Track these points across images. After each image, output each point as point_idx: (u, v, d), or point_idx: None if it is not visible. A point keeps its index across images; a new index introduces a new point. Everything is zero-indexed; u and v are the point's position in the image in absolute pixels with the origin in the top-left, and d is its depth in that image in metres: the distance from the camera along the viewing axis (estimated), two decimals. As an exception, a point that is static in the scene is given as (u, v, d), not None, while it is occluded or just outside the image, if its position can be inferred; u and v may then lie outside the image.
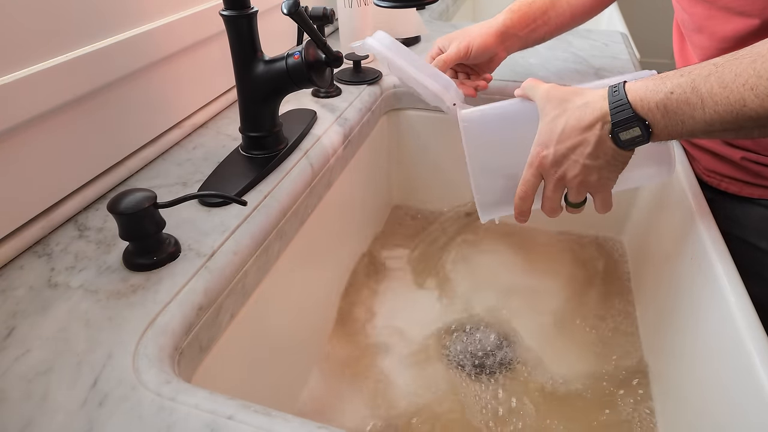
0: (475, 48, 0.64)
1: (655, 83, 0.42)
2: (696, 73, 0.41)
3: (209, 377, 0.40)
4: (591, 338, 0.67)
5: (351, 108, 0.68)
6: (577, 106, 0.46)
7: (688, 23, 0.60)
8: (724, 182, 0.62)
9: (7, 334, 0.35)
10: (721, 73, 0.39)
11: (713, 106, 0.39)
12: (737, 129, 0.40)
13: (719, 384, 0.44)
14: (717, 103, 0.39)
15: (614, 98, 0.44)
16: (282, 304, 0.54)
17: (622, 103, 0.43)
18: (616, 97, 0.44)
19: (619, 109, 0.43)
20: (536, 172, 0.49)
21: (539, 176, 0.50)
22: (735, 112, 0.39)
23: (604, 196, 0.50)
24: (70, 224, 0.46)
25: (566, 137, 0.46)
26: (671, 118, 0.41)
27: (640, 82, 0.44)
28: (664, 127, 0.42)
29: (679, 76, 0.41)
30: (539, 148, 0.48)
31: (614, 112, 0.43)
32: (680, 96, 0.41)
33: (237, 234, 0.45)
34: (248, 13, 0.47)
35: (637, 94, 0.43)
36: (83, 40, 0.45)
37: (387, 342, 0.67)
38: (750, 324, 0.41)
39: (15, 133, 0.40)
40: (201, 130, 0.62)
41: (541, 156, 0.48)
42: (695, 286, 0.51)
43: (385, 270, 0.79)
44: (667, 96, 0.41)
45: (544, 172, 0.49)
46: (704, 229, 0.52)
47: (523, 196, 0.51)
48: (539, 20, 0.68)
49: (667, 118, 0.42)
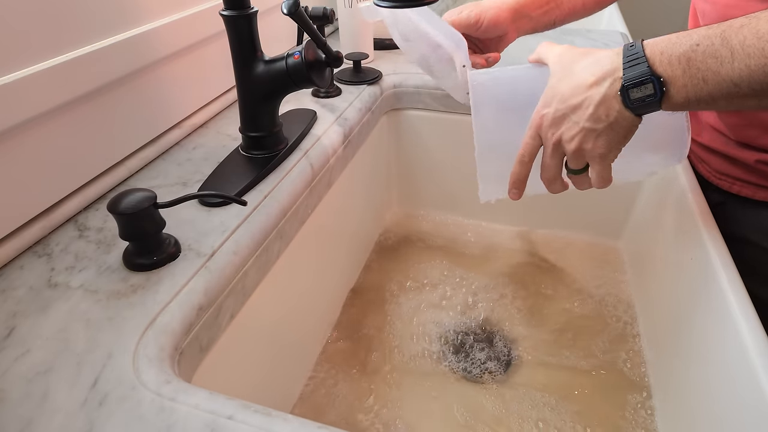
0: (487, 20, 0.61)
1: (678, 37, 0.38)
2: (727, 24, 0.37)
3: (209, 377, 0.40)
4: (591, 338, 0.67)
5: (351, 108, 0.68)
6: (585, 64, 0.43)
7: (709, 12, 0.59)
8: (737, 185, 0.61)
9: (7, 334, 0.35)
10: (756, 24, 0.35)
11: (744, 59, 0.35)
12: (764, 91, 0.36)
13: (719, 384, 0.44)
14: (749, 56, 0.35)
15: (629, 52, 0.40)
16: (282, 304, 0.54)
17: (637, 56, 0.39)
18: (631, 51, 0.40)
19: (633, 62, 0.39)
20: (534, 134, 0.46)
21: (538, 138, 0.46)
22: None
23: (602, 168, 0.45)
24: (70, 224, 0.46)
25: (569, 96, 0.42)
26: (693, 75, 0.37)
27: (662, 37, 0.39)
28: (682, 86, 0.38)
29: (707, 29, 0.37)
30: (540, 106, 0.45)
31: (627, 66, 0.39)
32: (707, 48, 0.36)
33: (237, 234, 0.45)
34: (248, 13, 0.47)
35: (657, 48, 0.39)
36: (83, 40, 0.45)
37: (388, 343, 0.67)
38: (750, 325, 0.41)
39: (15, 133, 0.40)
40: (201, 130, 0.62)
41: (541, 115, 0.44)
42: (695, 287, 0.51)
43: (385, 270, 0.79)
44: (692, 48, 0.37)
45: (542, 133, 0.45)
46: (704, 230, 0.52)
47: (520, 160, 0.47)
48: (552, 2, 0.68)
49: (688, 74, 0.37)
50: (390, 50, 0.89)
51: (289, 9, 0.47)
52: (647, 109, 0.40)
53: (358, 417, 0.59)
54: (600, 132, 0.42)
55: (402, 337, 0.68)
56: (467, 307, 0.72)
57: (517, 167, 0.48)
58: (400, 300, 0.73)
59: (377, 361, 0.65)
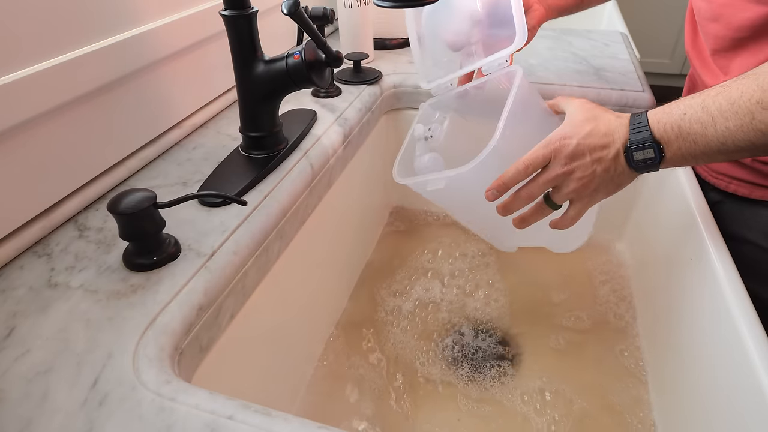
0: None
1: (670, 107, 0.45)
2: (705, 95, 0.43)
3: (209, 377, 0.40)
4: (590, 339, 0.67)
5: (351, 108, 0.68)
6: (605, 119, 0.48)
7: (704, 11, 0.60)
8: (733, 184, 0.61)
9: (7, 334, 0.35)
10: (728, 92, 0.42)
11: (723, 122, 0.41)
12: (751, 146, 0.41)
13: (719, 384, 0.44)
14: (727, 119, 0.41)
15: (636, 120, 0.46)
16: (282, 304, 0.54)
17: (642, 124, 0.45)
18: (637, 120, 0.46)
19: (639, 129, 0.45)
20: (548, 154, 0.48)
21: (546, 160, 0.48)
22: (745, 126, 0.40)
23: (582, 209, 0.50)
24: (70, 224, 0.46)
25: (593, 137, 0.47)
26: (685, 139, 0.43)
27: (661, 107, 0.46)
28: (677, 149, 0.44)
29: (690, 99, 0.44)
30: (563, 133, 0.48)
31: (634, 131, 0.46)
32: (692, 116, 0.43)
33: (237, 234, 0.45)
34: (248, 13, 0.47)
35: (656, 117, 0.45)
36: (83, 40, 0.45)
37: (389, 342, 0.67)
38: (750, 324, 0.41)
39: (15, 133, 0.40)
40: (201, 130, 0.62)
41: (564, 142, 0.47)
42: (695, 286, 0.51)
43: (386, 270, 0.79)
44: (681, 117, 0.44)
45: (556, 158, 0.48)
46: (704, 230, 0.52)
47: (522, 168, 0.48)
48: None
49: (680, 138, 0.44)
50: (390, 50, 0.89)
51: (289, 9, 0.47)
52: (648, 170, 0.46)
53: (359, 417, 0.59)
54: (604, 181, 0.47)
55: (403, 336, 0.68)
56: (467, 305, 0.72)
57: (514, 173, 0.48)
58: (401, 299, 0.73)
59: (379, 360, 0.65)
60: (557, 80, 0.74)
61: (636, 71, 0.78)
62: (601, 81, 0.74)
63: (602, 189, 0.48)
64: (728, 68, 0.59)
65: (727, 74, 0.59)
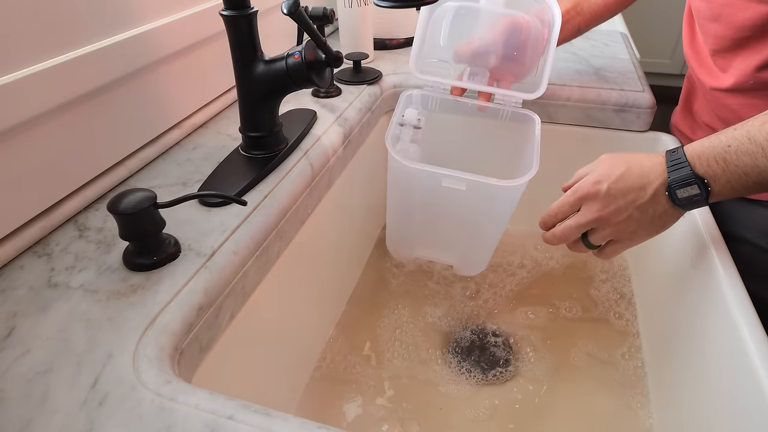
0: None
1: (710, 140, 0.43)
2: (749, 125, 0.42)
3: (209, 377, 0.40)
4: (591, 338, 0.67)
5: (351, 108, 0.68)
6: (638, 159, 0.47)
7: (704, 11, 0.60)
8: None
9: (7, 334, 0.35)
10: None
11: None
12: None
13: (719, 384, 0.44)
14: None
15: (672, 157, 0.45)
16: (282, 304, 0.54)
17: (680, 161, 0.44)
18: (673, 156, 0.45)
19: (677, 166, 0.44)
20: (577, 201, 0.48)
21: (578, 206, 0.49)
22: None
23: (621, 249, 0.49)
24: (70, 224, 0.46)
25: (625, 181, 0.46)
26: (732, 171, 0.42)
27: (696, 143, 0.44)
28: (726, 182, 0.43)
29: (733, 131, 0.43)
30: (593, 179, 0.47)
31: (672, 169, 0.44)
32: (738, 147, 0.42)
33: (237, 234, 0.45)
34: (248, 13, 0.47)
35: (695, 152, 0.44)
36: (83, 40, 0.45)
37: (389, 342, 0.67)
38: (750, 325, 0.41)
39: (15, 133, 0.40)
40: (201, 130, 0.62)
41: (595, 188, 0.47)
42: (695, 286, 0.51)
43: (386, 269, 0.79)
44: (725, 149, 0.42)
45: (588, 203, 0.48)
46: (704, 230, 0.52)
47: (552, 217, 0.51)
48: (572, 10, 0.69)
49: (728, 171, 0.42)
50: (390, 50, 0.89)
51: (289, 9, 0.47)
52: (695, 206, 0.44)
53: (360, 417, 0.59)
54: (643, 222, 0.46)
55: (404, 335, 0.68)
56: (468, 304, 0.72)
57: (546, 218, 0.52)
58: (401, 299, 0.73)
59: (379, 360, 0.65)
60: (557, 80, 0.74)
61: (636, 71, 0.78)
62: (601, 81, 0.74)
63: (642, 231, 0.47)
64: (728, 68, 0.59)
65: (726, 74, 0.59)
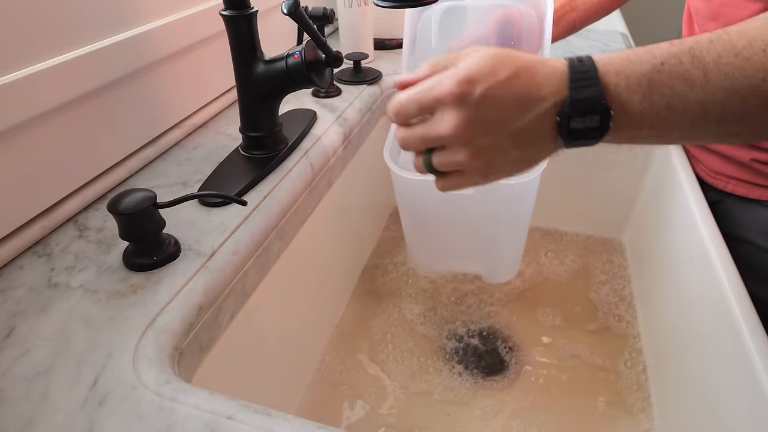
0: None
1: (637, 54, 0.31)
2: (692, 42, 0.30)
3: (209, 377, 0.40)
4: (591, 338, 0.67)
5: (351, 108, 0.68)
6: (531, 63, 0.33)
7: (702, 11, 0.60)
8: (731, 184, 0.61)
9: (7, 334, 0.35)
10: (728, 40, 0.29)
11: (720, 81, 0.29)
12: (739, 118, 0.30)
13: (719, 383, 0.44)
14: (726, 76, 0.29)
15: (578, 68, 0.32)
16: (282, 304, 0.54)
17: (588, 76, 0.31)
18: (580, 68, 0.32)
19: (584, 82, 0.31)
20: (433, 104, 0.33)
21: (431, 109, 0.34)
22: (750, 89, 0.29)
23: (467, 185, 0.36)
24: (70, 224, 0.46)
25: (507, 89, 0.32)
26: (654, 101, 0.30)
27: (617, 53, 0.32)
28: (637, 114, 0.31)
29: (669, 45, 0.31)
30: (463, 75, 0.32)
31: (576, 85, 0.31)
32: (674, 67, 0.30)
33: (237, 234, 0.45)
34: (248, 13, 0.47)
35: (612, 67, 0.31)
36: (83, 40, 0.45)
37: (390, 342, 0.67)
38: (750, 325, 0.41)
39: (15, 133, 0.40)
40: (201, 130, 0.62)
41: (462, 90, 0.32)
42: (695, 287, 0.51)
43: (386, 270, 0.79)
44: (656, 68, 0.30)
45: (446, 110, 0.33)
46: (704, 230, 0.52)
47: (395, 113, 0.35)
48: (566, 6, 0.68)
49: (648, 99, 0.30)
50: (390, 50, 0.89)
51: (289, 9, 0.47)
52: (582, 144, 0.32)
53: (360, 417, 0.59)
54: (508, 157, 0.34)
55: (404, 336, 0.68)
56: (468, 304, 0.72)
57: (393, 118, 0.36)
58: (401, 300, 0.73)
59: (379, 361, 0.65)
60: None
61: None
62: (601, 81, 0.74)
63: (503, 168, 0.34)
64: None
65: None
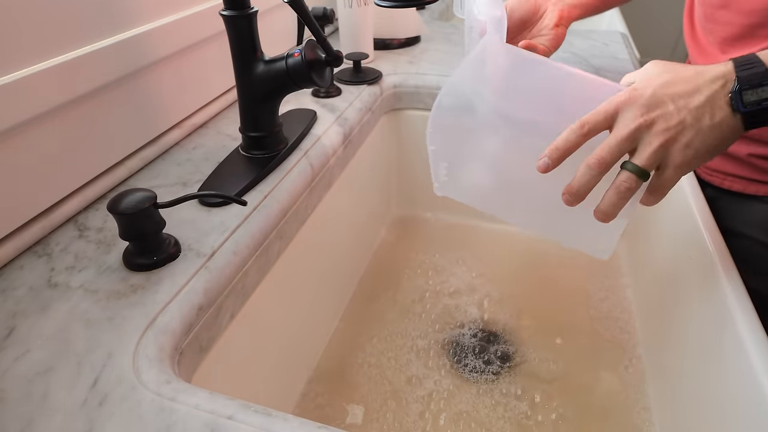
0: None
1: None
2: None
3: (209, 377, 0.40)
4: (589, 338, 0.67)
5: (351, 108, 0.68)
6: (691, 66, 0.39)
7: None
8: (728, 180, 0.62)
9: (7, 334, 0.35)
10: None
11: None
12: None
13: (718, 384, 0.44)
14: None
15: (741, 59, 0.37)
16: (282, 304, 0.54)
17: (750, 61, 0.36)
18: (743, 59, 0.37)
19: (747, 67, 0.36)
20: (614, 110, 0.37)
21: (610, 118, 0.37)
22: None
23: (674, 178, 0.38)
24: (70, 224, 0.46)
25: (674, 86, 0.37)
26: None
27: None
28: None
29: None
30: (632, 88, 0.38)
31: (742, 68, 0.36)
32: None
33: (237, 234, 0.45)
34: (248, 13, 0.47)
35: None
36: (83, 40, 0.45)
37: (390, 342, 0.67)
38: (750, 324, 0.41)
39: (15, 133, 0.40)
40: (201, 130, 0.62)
41: (634, 93, 0.37)
42: (694, 285, 0.51)
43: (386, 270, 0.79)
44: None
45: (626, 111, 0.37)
46: (703, 228, 0.52)
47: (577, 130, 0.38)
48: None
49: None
50: (390, 50, 0.89)
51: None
52: (762, 116, 0.35)
53: (359, 417, 0.59)
54: (698, 131, 0.36)
55: (404, 336, 0.68)
56: (467, 307, 0.72)
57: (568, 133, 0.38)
58: (402, 300, 0.73)
59: (379, 361, 0.65)
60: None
61: (636, 71, 0.78)
62: (601, 81, 0.74)
63: (699, 142, 0.36)
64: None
65: None
